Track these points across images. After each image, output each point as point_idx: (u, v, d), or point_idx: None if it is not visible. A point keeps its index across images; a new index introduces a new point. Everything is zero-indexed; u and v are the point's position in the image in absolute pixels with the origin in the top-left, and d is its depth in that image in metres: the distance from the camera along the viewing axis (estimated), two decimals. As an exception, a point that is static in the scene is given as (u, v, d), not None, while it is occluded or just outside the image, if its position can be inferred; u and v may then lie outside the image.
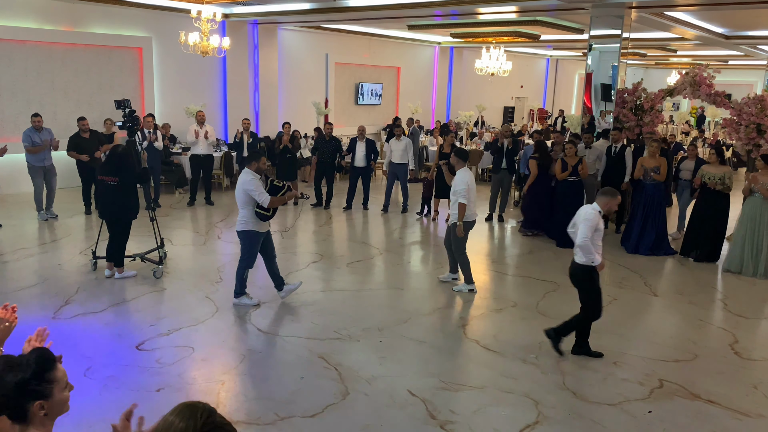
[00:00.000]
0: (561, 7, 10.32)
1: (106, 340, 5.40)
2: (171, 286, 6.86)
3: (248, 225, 6.04)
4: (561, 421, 4.29)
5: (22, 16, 11.05)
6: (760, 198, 7.61)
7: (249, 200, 5.94)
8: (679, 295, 7.11)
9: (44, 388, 1.94)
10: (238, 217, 6.11)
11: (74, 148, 9.72)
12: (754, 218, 7.67)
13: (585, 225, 5.09)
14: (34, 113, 9.53)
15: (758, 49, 17.47)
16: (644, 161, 8.69)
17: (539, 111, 23.20)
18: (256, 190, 5.88)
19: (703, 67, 10.20)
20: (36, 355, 1.97)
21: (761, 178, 7.61)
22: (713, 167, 8.18)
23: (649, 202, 8.61)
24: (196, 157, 10.96)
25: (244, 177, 6.00)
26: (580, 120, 11.63)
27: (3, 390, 1.90)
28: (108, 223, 6.97)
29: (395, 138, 10.79)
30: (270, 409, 4.32)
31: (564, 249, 8.76)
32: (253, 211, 5.97)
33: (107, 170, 6.85)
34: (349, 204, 11.05)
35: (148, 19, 12.65)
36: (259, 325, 5.81)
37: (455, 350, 5.48)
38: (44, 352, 2.01)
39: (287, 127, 11.61)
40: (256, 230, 6.09)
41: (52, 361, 2.00)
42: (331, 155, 10.98)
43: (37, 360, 1.96)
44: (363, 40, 17.52)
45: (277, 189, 6.10)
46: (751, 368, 5.24)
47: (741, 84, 24.61)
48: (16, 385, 1.91)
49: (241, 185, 5.97)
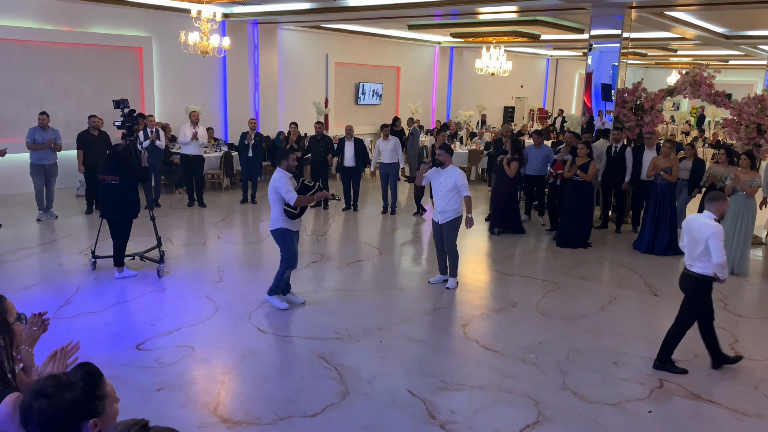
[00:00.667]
0: (561, 7, 10.31)
1: (106, 340, 5.40)
2: (171, 286, 6.86)
3: (279, 223, 6.06)
4: (561, 421, 4.29)
5: (22, 16, 11.05)
6: (743, 196, 7.75)
7: (280, 199, 5.95)
8: (679, 295, 7.07)
9: (96, 405, 1.87)
10: (271, 216, 6.13)
11: (81, 145, 9.72)
12: (736, 215, 7.80)
13: (716, 241, 4.74)
14: (41, 111, 9.58)
15: (758, 49, 17.47)
16: (658, 161, 8.67)
17: (539, 111, 23.20)
18: (284, 188, 5.88)
19: (703, 67, 10.20)
20: (83, 372, 1.88)
21: (743, 177, 7.75)
22: (722, 167, 8.22)
23: (661, 201, 8.57)
24: (186, 158, 10.91)
25: (274, 175, 6.02)
26: (580, 120, 11.63)
27: (56, 412, 1.79)
28: (109, 222, 6.97)
29: (383, 138, 10.76)
30: (270, 409, 4.32)
31: (564, 249, 8.78)
32: (283, 209, 5.99)
33: (108, 170, 6.84)
34: (348, 204, 11.07)
35: (148, 19, 12.66)
36: (259, 325, 5.81)
37: (455, 350, 5.48)
38: (91, 367, 1.92)
39: (293, 128, 11.60)
40: (288, 228, 6.08)
41: (100, 376, 1.92)
42: (322, 154, 11.02)
43: (85, 377, 1.87)
44: (363, 40, 17.52)
45: (307, 188, 6.10)
46: (751, 368, 5.23)
47: (741, 84, 24.60)
48: (69, 405, 1.81)
49: (272, 183, 5.98)
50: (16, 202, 10.03)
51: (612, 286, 7.29)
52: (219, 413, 4.26)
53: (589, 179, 8.71)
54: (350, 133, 10.92)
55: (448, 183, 6.68)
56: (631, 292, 7.09)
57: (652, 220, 8.69)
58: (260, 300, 6.41)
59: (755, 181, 7.73)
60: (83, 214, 9.99)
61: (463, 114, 17.66)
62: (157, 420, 1.88)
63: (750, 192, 7.72)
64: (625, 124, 10.42)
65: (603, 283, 7.46)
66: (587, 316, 6.27)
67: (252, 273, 7.51)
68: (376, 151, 10.80)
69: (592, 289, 7.16)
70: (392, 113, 18.55)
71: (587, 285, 7.31)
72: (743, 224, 7.78)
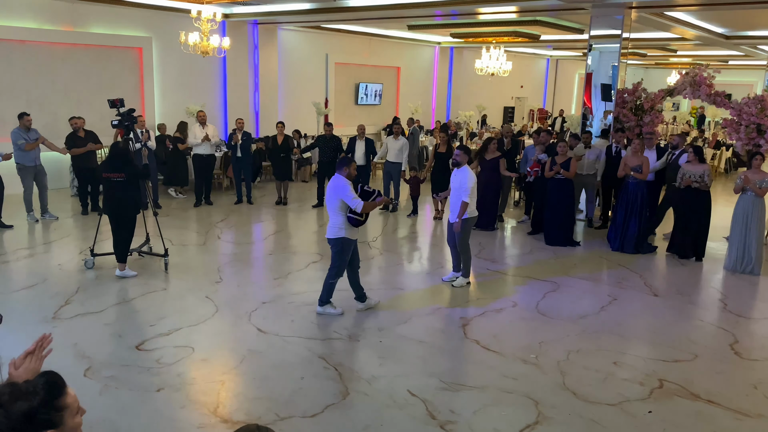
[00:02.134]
0: (561, 7, 10.32)
1: (106, 340, 5.40)
2: (171, 286, 6.87)
3: (342, 232, 5.85)
4: (561, 421, 4.29)
5: (22, 16, 11.05)
6: (752, 195, 7.76)
7: (342, 206, 5.78)
8: (679, 295, 7.11)
9: (54, 416, 1.78)
10: (330, 225, 5.91)
11: (72, 147, 9.71)
12: (746, 215, 7.82)
13: None
14: (24, 112, 9.32)
15: (758, 49, 17.47)
16: (628, 159, 8.75)
17: (539, 111, 23.20)
18: (349, 195, 5.74)
19: (703, 67, 10.20)
20: (44, 381, 1.81)
21: (753, 177, 7.76)
22: (693, 165, 8.26)
23: (632, 199, 8.66)
24: (199, 158, 10.94)
25: (336, 182, 5.85)
26: (579, 120, 11.64)
27: (11, 422, 1.73)
28: (115, 219, 7.00)
29: (393, 136, 10.86)
30: (270, 409, 4.32)
31: (564, 249, 8.78)
32: (346, 217, 5.81)
33: (113, 167, 6.91)
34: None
35: (148, 19, 12.66)
36: (259, 325, 5.81)
37: (455, 350, 5.48)
38: (52, 376, 1.84)
39: (280, 127, 11.61)
40: (350, 237, 5.90)
41: (62, 387, 1.84)
42: (332, 154, 11.04)
43: (46, 386, 1.79)
44: (363, 40, 17.53)
45: (368, 194, 5.97)
46: (751, 368, 5.24)
47: (741, 84, 24.61)
48: (24, 415, 1.74)
49: (334, 191, 5.79)
50: (17, 202, 10.00)
51: (612, 286, 7.29)
52: (219, 413, 4.26)
53: (571, 176, 8.89)
54: (362, 132, 11.04)
55: (456, 182, 6.86)
56: (631, 292, 7.09)
57: (622, 218, 8.75)
58: (260, 300, 6.42)
59: (765, 181, 7.73)
60: (80, 214, 9.98)
61: (463, 114, 17.66)
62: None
63: (760, 192, 7.73)
64: (625, 124, 10.43)
65: (603, 283, 7.46)
66: (587, 316, 6.27)
67: (252, 273, 7.51)
68: (384, 147, 10.96)
69: (592, 289, 7.17)
70: (392, 113, 18.56)
71: (587, 285, 7.31)
72: (754, 224, 7.78)
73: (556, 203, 9.00)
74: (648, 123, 10.29)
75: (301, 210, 11.05)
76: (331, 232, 5.91)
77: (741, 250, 7.87)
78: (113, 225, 7.02)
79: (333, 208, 5.85)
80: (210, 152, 10.95)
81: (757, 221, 7.80)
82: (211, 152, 11.00)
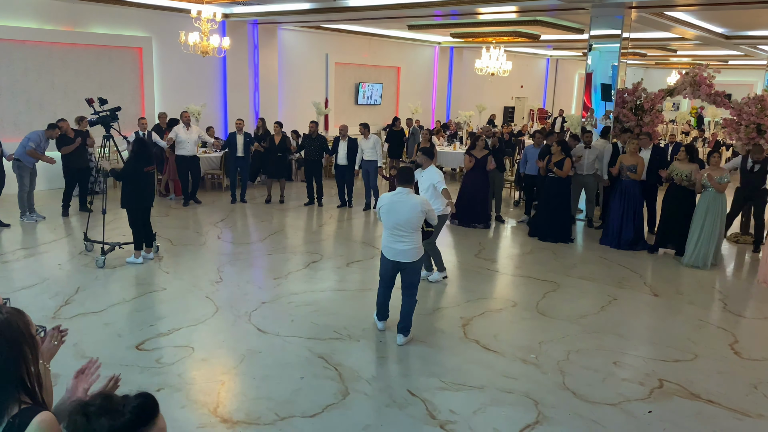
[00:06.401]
0: (561, 7, 10.32)
1: (106, 340, 5.40)
2: (171, 286, 6.86)
3: (421, 251, 5.42)
4: (561, 421, 4.29)
5: (22, 16, 11.05)
6: (713, 192, 7.90)
7: (421, 222, 5.33)
8: (679, 295, 7.11)
9: None
10: (407, 248, 5.29)
11: (62, 146, 9.65)
12: (706, 211, 7.96)
13: None
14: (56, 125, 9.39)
15: (758, 49, 17.47)
16: (623, 159, 8.83)
17: (539, 111, 23.20)
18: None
19: (703, 67, 10.21)
20: (136, 404, 1.67)
21: (713, 173, 7.90)
22: (682, 164, 8.29)
23: (627, 198, 8.76)
24: (182, 158, 10.87)
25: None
26: (579, 120, 11.64)
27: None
28: (145, 209, 7.51)
29: (363, 137, 10.90)
30: (270, 409, 4.32)
31: (564, 249, 8.78)
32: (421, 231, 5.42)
33: (147, 161, 7.43)
34: (343, 201, 11.19)
35: (148, 19, 12.66)
36: (259, 325, 5.81)
37: (455, 350, 5.48)
38: (146, 401, 1.69)
39: (277, 127, 11.60)
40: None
41: (151, 416, 1.70)
42: (317, 153, 11.11)
43: (135, 410, 1.66)
44: (363, 40, 17.53)
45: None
46: (751, 368, 5.24)
47: (741, 84, 24.61)
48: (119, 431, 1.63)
49: (420, 205, 5.24)
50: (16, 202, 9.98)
51: (612, 286, 7.29)
52: (219, 413, 4.26)
53: (564, 176, 8.99)
54: (344, 132, 11.03)
55: (426, 182, 6.94)
56: (631, 292, 7.09)
57: (618, 216, 8.83)
58: (260, 300, 6.41)
59: (724, 177, 7.92)
60: (78, 213, 9.96)
61: (463, 114, 17.65)
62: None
63: (719, 188, 7.87)
64: (625, 124, 10.43)
65: (603, 283, 7.46)
66: (587, 316, 6.27)
67: (252, 273, 7.50)
68: (360, 151, 10.92)
69: (592, 289, 7.16)
70: (392, 113, 18.56)
71: (587, 285, 7.31)
72: (711, 219, 7.95)
73: (551, 200, 9.17)
74: (648, 123, 10.29)
75: (301, 210, 11.04)
76: (412, 255, 5.32)
77: (700, 245, 8.02)
78: (144, 216, 7.50)
79: (413, 225, 5.25)
80: (193, 153, 10.91)
81: (715, 216, 7.95)
82: (194, 153, 10.95)
